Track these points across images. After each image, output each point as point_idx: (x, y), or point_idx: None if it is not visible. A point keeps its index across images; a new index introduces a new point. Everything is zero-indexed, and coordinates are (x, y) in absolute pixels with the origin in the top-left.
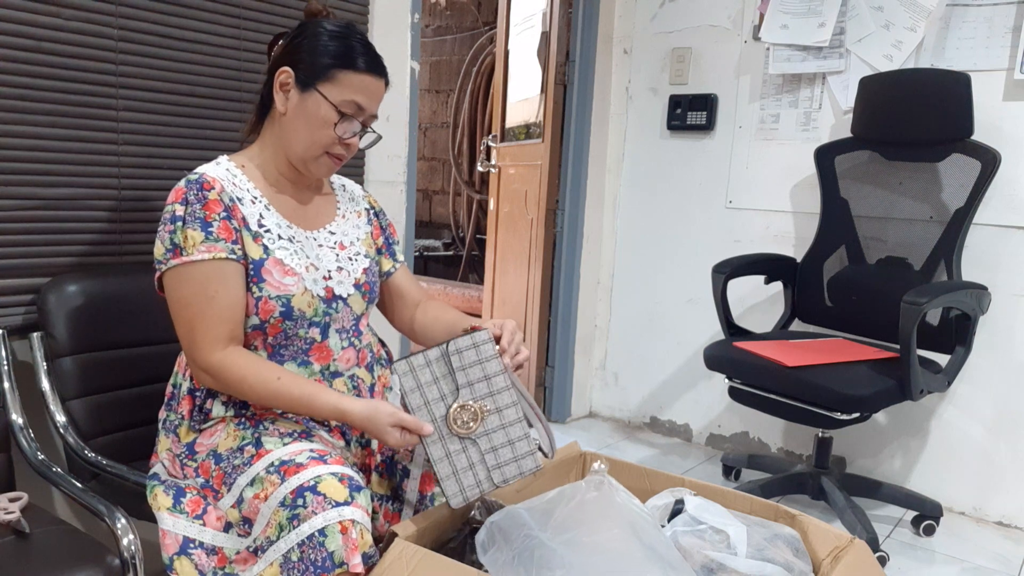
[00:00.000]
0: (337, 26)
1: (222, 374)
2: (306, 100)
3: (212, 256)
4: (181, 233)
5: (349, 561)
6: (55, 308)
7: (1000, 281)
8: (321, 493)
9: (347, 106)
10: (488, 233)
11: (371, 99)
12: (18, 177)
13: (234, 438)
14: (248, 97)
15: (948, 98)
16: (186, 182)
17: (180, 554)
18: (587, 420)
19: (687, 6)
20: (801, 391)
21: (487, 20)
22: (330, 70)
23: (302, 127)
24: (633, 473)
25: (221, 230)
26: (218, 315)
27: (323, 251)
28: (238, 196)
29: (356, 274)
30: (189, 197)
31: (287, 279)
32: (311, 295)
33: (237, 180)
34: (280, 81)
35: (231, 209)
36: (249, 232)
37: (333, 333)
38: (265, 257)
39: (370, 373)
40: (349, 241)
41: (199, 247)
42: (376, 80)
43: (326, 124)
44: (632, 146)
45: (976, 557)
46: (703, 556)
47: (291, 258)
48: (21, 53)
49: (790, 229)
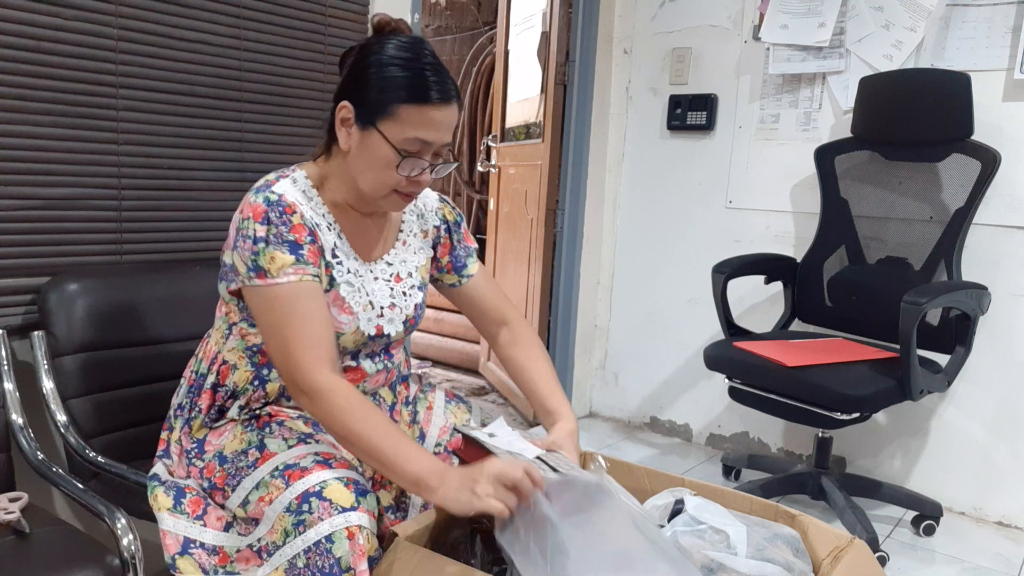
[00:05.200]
0: (402, 48)
1: (326, 398)
2: (367, 139)
3: (300, 278)
4: (266, 255)
5: (356, 567)
6: (55, 308)
7: (1000, 281)
8: (327, 499)
9: (411, 144)
10: (488, 233)
11: (439, 131)
12: (18, 177)
13: (240, 440)
14: (248, 97)
15: (948, 98)
16: (265, 200)
17: (182, 553)
18: (587, 420)
19: (687, 6)
20: (801, 391)
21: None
22: (388, 106)
23: (366, 167)
24: (633, 473)
25: (310, 255)
26: (313, 334)
27: (378, 284)
28: (316, 223)
29: (408, 311)
30: (271, 217)
31: (343, 317)
32: (361, 334)
33: (313, 204)
34: (341, 118)
35: (314, 234)
36: (323, 260)
37: (364, 359)
38: (329, 289)
39: (392, 392)
40: (407, 272)
41: (287, 270)
42: (444, 109)
43: (389, 165)
44: (632, 146)
45: (976, 557)
46: (703, 556)
47: (352, 296)
48: (21, 53)
49: (790, 229)
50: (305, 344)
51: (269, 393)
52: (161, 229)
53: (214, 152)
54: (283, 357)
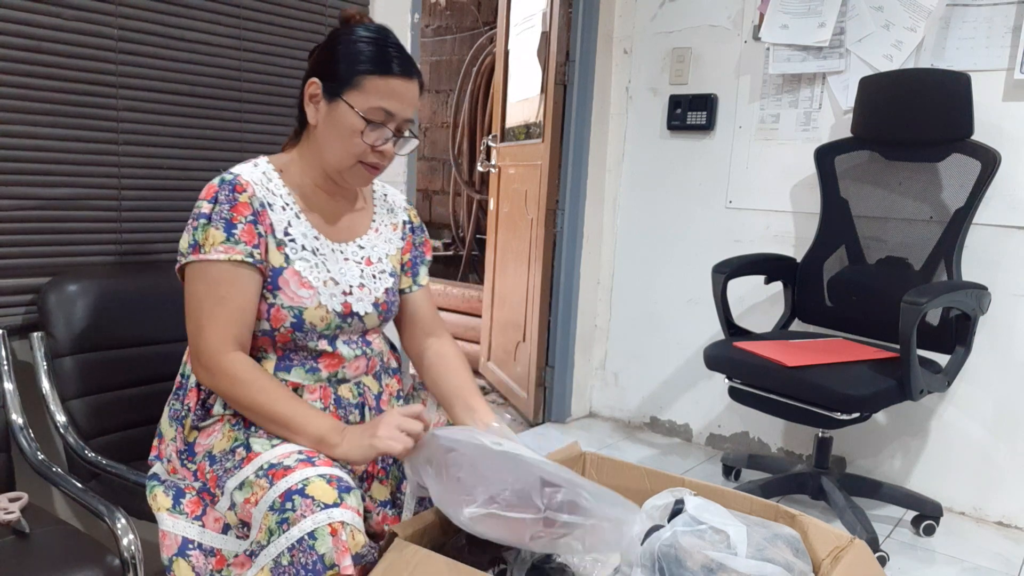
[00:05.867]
0: (369, 31)
1: (227, 372)
2: (333, 110)
3: (228, 258)
4: (204, 231)
5: (340, 563)
6: (55, 308)
7: (1000, 281)
8: (309, 496)
9: (374, 113)
10: (488, 233)
11: (401, 103)
12: (18, 177)
13: (228, 439)
14: (248, 97)
15: (948, 98)
16: (220, 180)
17: (178, 555)
18: (587, 420)
19: (687, 6)
20: (801, 391)
21: (487, 20)
22: (355, 77)
23: (333, 138)
24: (633, 473)
25: (244, 233)
26: (227, 317)
27: (348, 265)
28: (269, 201)
29: (377, 293)
30: (220, 196)
31: (302, 291)
32: (326, 310)
33: (272, 184)
34: (309, 93)
35: (259, 214)
36: (274, 239)
37: (341, 344)
38: (285, 266)
39: (377, 382)
40: (377, 257)
41: (218, 247)
42: (405, 83)
43: (354, 133)
44: (632, 146)
45: (976, 557)
46: (703, 556)
47: (310, 271)
48: (21, 53)
49: (790, 229)
50: (216, 324)
51: None
52: (161, 229)
53: (214, 152)
54: (195, 332)
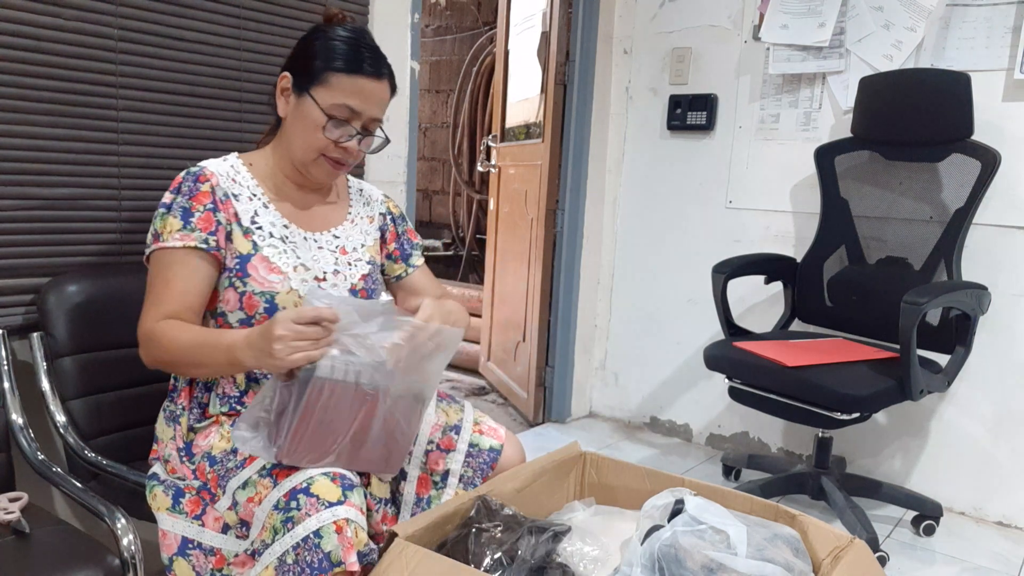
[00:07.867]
0: (347, 31)
1: (154, 338)
2: (301, 105)
3: (183, 244)
4: (162, 220)
5: (346, 560)
6: (55, 308)
7: (1000, 281)
8: (314, 494)
9: (337, 110)
10: (488, 233)
11: (366, 102)
12: (18, 177)
13: (227, 440)
14: (248, 97)
15: (948, 98)
16: (185, 172)
17: (178, 555)
18: (587, 420)
19: (687, 6)
20: (801, 391)
21: (487, 20)
22: (324, 73)
23: (298, 131)
24: (633, 473)
25: (200, 221)
26: (167, 297)
27: (322, 253)
28: (235, 192)
29: (353, 279)
30: (183, 187)
31: (272, 276)
32: (297, 294)
33: (239, 177)
34: (281, 87)
35: (222, 203)
36: (240, 227)
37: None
38: (253, 253)
39: None
40: (352, 247)
41: (174, 235)
42: (374, 82)
43: (316, 128)
44: (632, 146)
45: (976, 557)
46: (703, 556)
47: (279, 256)
48: (21, 53)
49: (790, 229)
50: (156, 304)
51: (239, 382)
52: None
53: (214, 152)
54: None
